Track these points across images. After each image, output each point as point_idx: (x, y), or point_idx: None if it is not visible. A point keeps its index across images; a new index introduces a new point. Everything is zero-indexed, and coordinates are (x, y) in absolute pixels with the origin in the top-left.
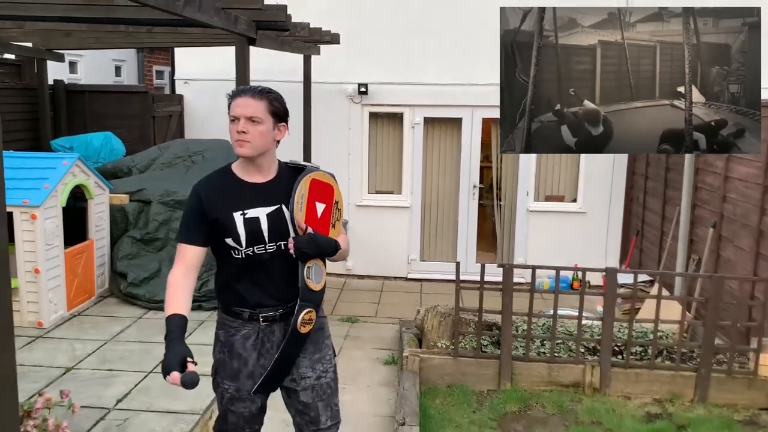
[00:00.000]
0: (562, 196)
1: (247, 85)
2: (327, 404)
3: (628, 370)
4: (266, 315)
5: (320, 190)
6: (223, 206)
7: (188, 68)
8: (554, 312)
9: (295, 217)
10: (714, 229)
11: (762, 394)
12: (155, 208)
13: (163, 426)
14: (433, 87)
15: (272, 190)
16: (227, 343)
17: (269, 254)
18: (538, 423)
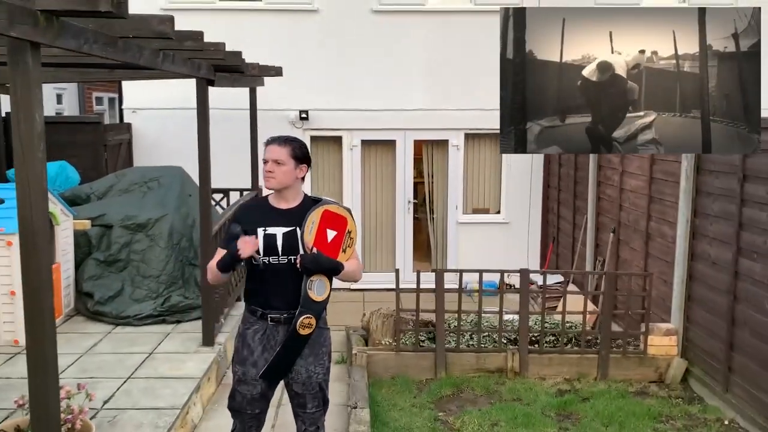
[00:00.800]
0: (488, 208)
1: (277, 136)
2: (314, 396)
3: (543, 356)
4: (273, 316)
5: (332, 220)
6: (252, 223)
7: (136, 98)
8: (479, 309)
9: (304, 239)
10: (614, 234)
11: (651, 369)
12: (117, 232)
13: (150, 419)
14: (369, 112)
15: (292, 215)
16: (242, 334)
17: (281, 265)
18: (469, 402)
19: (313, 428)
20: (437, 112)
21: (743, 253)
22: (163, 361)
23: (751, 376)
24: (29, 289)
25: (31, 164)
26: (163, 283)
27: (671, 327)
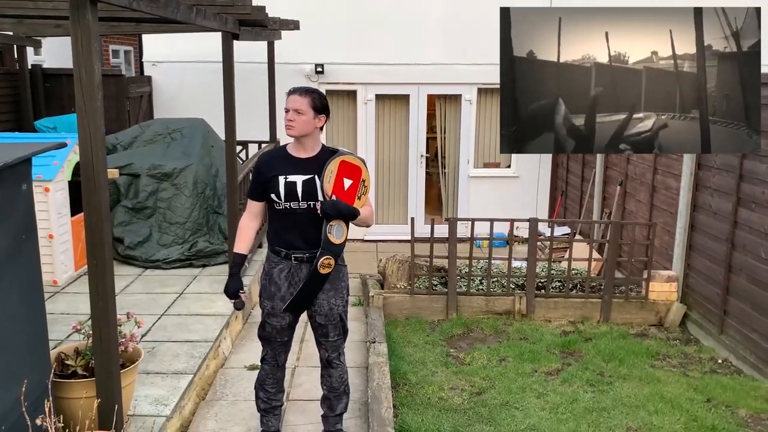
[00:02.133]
0: (498, 162)
1: (298, 87)
2: (335, 326)
3: (549, 300)
4: (297, 255)
5: (349, 169)
6: (273, 171)
7: (156, 51)
8: (489, 256)
9: (323, 186)
10: (620, 186)
11: (651, 313)
12: (144, 181)
13: (185, 350)
14: (383, 66)
15: (310, 164)
16: (269, 273)
17: (302, 210)
18: (478, 341)
19: (336, 354)
20: (451, 67)
21: (742, 203)
22: (193, 300)
23: (745, 318)
24: (91, 224)
25: (92, 111)
26: (189, 230)
27: (672, 274)
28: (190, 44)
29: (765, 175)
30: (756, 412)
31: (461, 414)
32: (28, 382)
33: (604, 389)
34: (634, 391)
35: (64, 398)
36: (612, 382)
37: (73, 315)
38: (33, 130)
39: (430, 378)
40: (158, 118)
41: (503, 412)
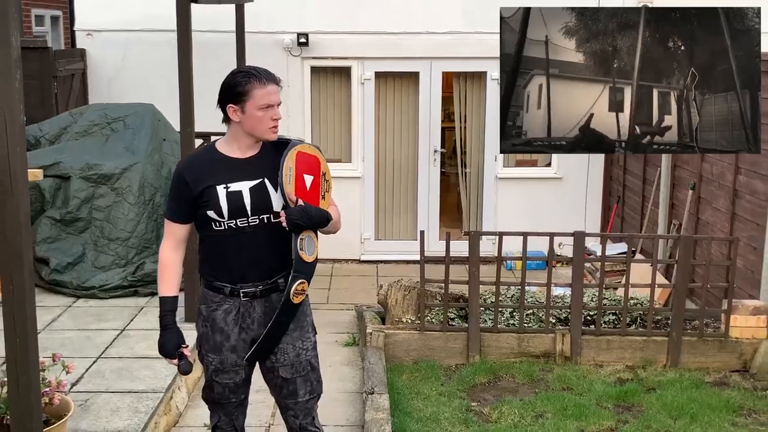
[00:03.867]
0: (536, 160)
1: (259, 69)
2: (306, 379)
3: (600, 338)
4: (247, 291)
5: (307, 162)
6: (207, 181)
7: (91, 17)
8: (522, 280)
9: (285, 190)
10: (693, 191)
11: (733, 356)
12: (75, 184)
13: (127, 403)
14: (386, 36)
15: (255, 165)
16: (209, 318)
17: (252, 227)
18: (508, 392)
19: (309, 419)
20: (473, 36)
21: None
22: (138, 339)
23: None
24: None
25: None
26: (133, 248)
27: (760, 304)
28: (135, 8)
29: None
30: None
31: None
32: None
33: None
34: None
35: None
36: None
37: None
38: None
39: None
40: (94, 104)
41: None
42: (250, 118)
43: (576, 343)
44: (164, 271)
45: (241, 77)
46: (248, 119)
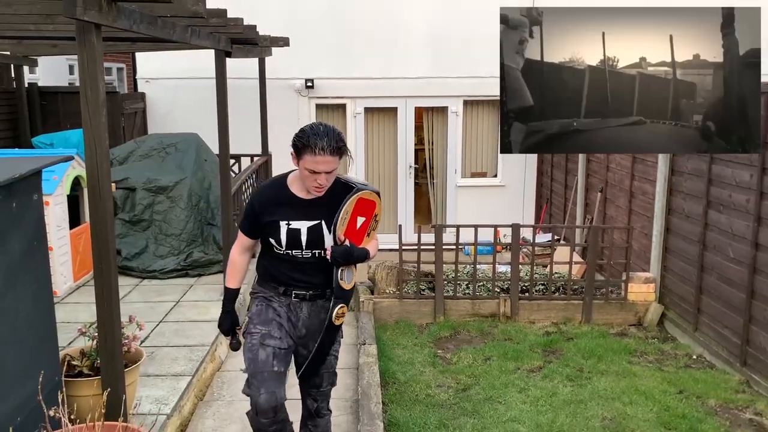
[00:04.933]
0: (485, 172)
1: (323, 135)
2: (330, 374)
3: (532, 302)
4: (297, 292)
5: (364, 206)
6: (273, 215)
7: (148, 68)
8: (474, 261)
9: (336, 232)
10: (601, 193)
11: (631, 314)
12: (140, 194)
13: (183, 354)
14: (372, 80)
15: (317, 207)
16: (266, 299)
17: (304, 258)
18: (465, 342)
19: (325, 403)
20: (437, 80)
21: (712, 205)
22: (189, 307)
23: (717, 315)
24: (96, 231)
25: (96, 126)
26: (184, 241)
27: (650, 275)
28: (182, 61)
29: (730, 179)
30: (725, 402)
31: (447, 409)
32: (41, 378)
33: (583, 384)
34: (610, 385)
35: (72, 396)
36: (590, 377)
37: (73, 323)
38: (30, 147)
39: (418, 377)
40: (153, 134)
41: (486, 406)
42: (300, 171)
43: (515, 306)
44: (232, 267)
45: (301, 136)
46: (300, 170)
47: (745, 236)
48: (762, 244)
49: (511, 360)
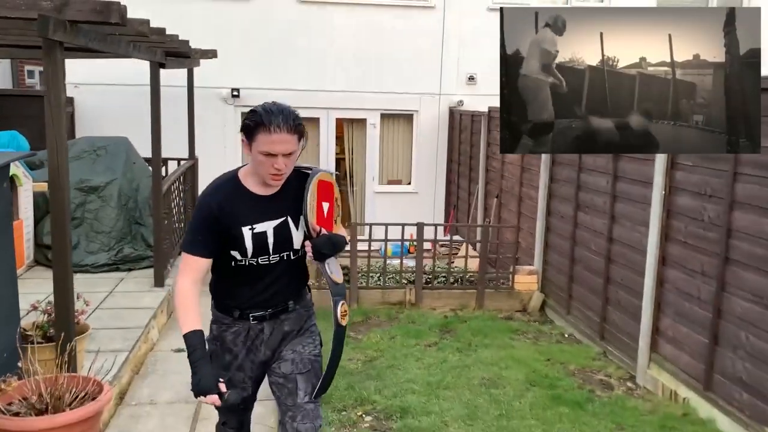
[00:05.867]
0: (400, 180)
1: (277, 113)
2: (307, 379)
3: (434, 291)
4: (256, 315)
5: (325, 190)
6: (234, 219)
7: (76, 74)
8: (384, 256)
9: (309, 222)
10: (497, 198)
11: (517, 301)
12: (72, 194)
13: (120, 335)
14: (296, 92)
15: (279, 202)
16: (219, 337)
17: (271, 265)
18: (375, 326)
19: (310, 426)
20: (356, 94)
21: (580, 208)
22: (123, 297)
23: (583, 299)
24: (56, 215)
25: (58, 125)
26: (114, 238)
27: (533, 268)
28: (110, 69)
29: (593, 185)
30: (582, 367)
31: (355, 375)
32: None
33: (469, 354)
34: (491, 355)
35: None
36: (476, 349)
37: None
38: None
39: None
40: (84, 136)
41: (388, 372)
42: (254, 159)
43: (419, 294)
44: (185, 305)
45: (252, 115)
46: (253, 158)
47: (603, 232)
48: (615, 239)
49: (412, 338)
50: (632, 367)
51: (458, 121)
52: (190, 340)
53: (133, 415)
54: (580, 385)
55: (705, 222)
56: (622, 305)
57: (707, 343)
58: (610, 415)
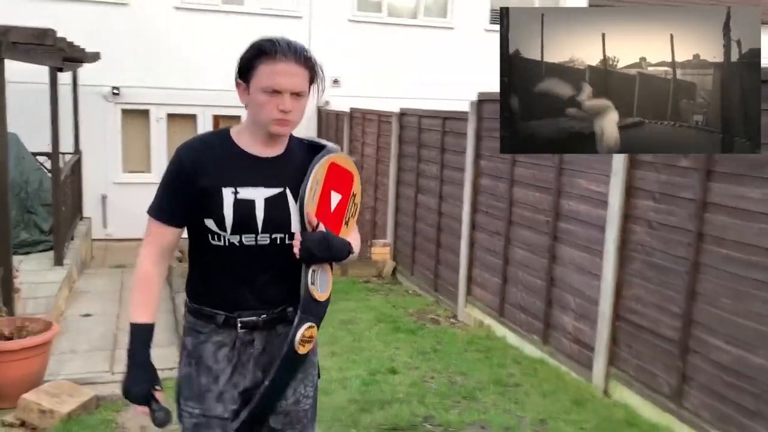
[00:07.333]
0: None
1: (283, 41)
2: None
3: None
4: (245, 320)
5: (339, 177)
6: (213, 176)
7: None
8: None
9: (306, 208)
10: None
11: (374, 269)
12: None
13: (33, 303)
14: (174, 90)
15: (278, 169)
16: (195, 352)
17: (259, 248)
18: None
19: None
20: (231, 93)
21: (420, 191)
22: (29, 274)
23: (423, 263)
24: None
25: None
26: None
27: (387, 241)
28: None
29: (428, 172)
30: (419, 310)
31: None
32: None
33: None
34: (351, 305)
35: None
36: (338, 302)
37: None
38: None
39: None
40: None
41: None
42: (253, 102)
43: None
44: (141, 288)
45: (250, 48)
46: (251, 102)
47: (435, 209)
48: (443, 213)
49: None
50: (454, 308)
51: (325, 120)
52: (137, 333)
53: (59, 360)
54: (415, 321)
55: (498, 196)
56: (448, 264)
57: (500, 283)
58: (435, 337)
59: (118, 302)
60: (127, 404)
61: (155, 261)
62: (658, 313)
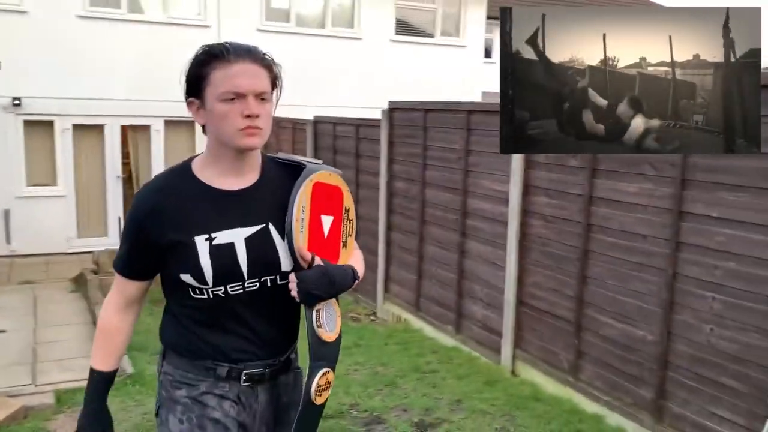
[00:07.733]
0: None
1: (234, 43)
2: None
3: None
4: (251, 372)
5: (326, 197)
6: (180, 225)
7: None
8: None
9: (296, 245)
10: None
11: None
12: None
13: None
14: (80, 100)
15: (255, 202)
16: (195, 405)
17: (249, 292)
18: None
19: None
20: (141, 102)
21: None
22: None
23: None
24: None
25: None
26: None
27: None
28: None
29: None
30: None
31: None
32: None
33: None
34: None
35: None
36: None
37: None
38: None
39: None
40: None
41: None
42: (211, 116)
43: None
44: (100, 335)
45: (197, 57)
46: (210, 118)
47: None
48: (360, 215)
49: None
50: (374, 306)
51: None
52: (97, 380)
53: None
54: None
55: (411, 198)
56: (367, 264)
57: (416, 279)
58: (356, 334)
59: (33, 317)
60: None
61: (119, 308)
62: (555, 297)
